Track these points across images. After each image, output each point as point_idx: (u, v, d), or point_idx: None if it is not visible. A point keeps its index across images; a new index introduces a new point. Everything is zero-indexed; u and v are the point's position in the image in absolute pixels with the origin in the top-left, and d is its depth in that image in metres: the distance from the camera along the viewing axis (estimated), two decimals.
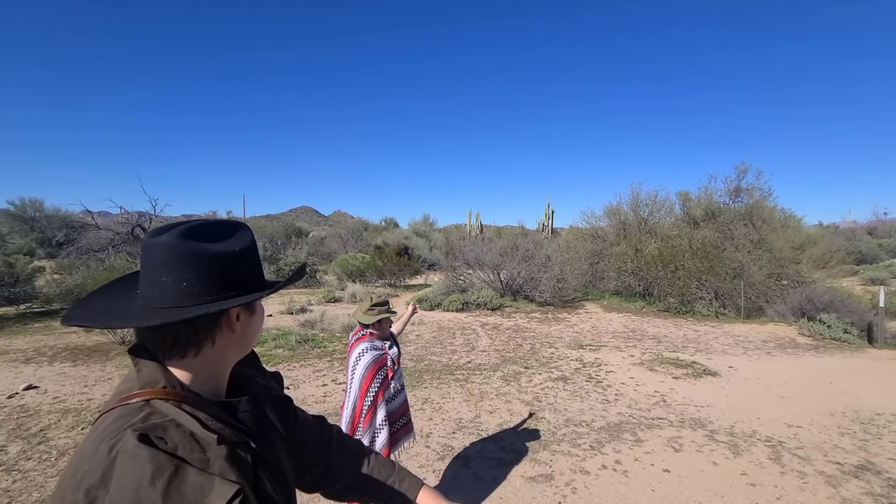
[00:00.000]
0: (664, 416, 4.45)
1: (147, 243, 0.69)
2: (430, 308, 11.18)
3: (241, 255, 0.73)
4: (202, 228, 0.72)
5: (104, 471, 0.55)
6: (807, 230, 14.55)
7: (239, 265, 0.72)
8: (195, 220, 0.74)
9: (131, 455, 0.56)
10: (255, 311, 0.77)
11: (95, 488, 0.55)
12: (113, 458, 0.56)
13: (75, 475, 0.57)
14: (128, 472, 0.55)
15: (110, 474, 0.55)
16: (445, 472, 3.34)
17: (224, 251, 0.70)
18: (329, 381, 5.42)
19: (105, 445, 0.58)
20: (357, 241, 24.91)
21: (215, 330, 0.70)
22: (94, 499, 0.54)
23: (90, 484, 0.55)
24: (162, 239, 0.68)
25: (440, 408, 4.60)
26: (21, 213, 22.18)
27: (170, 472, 0.56)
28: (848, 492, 3.14)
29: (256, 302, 0.77)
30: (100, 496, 0.54)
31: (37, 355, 6.47)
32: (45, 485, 3.09)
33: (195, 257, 0.68)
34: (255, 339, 0.79)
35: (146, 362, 0.67)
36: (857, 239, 26.76)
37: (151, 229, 0.72)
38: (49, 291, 10.17)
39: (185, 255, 0.67)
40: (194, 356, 0.69)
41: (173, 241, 0.67)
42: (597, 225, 16.71)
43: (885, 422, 4.40)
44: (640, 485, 3.19)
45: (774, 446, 3.82)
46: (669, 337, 8.40)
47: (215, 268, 0.69)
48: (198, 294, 0.68)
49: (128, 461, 0.56)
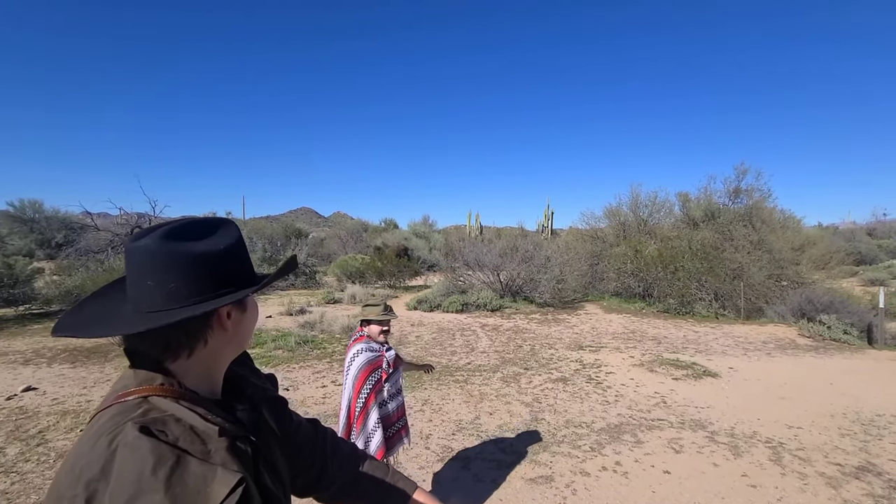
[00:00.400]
0: (664, 418, 4.44)
1: (129, 248, 0.68)
2: (430, 309, 11.17)
3: (227, 252, 0.71)
4: (184, 228, 0.70)
5: (104, 463, 0.55)
6: (806, 231, 14.55)
7: (225, 262, 0.71)
8: (177, 220, 0.72)
9: (132, 447, 0.56)
10: (246, 307, 0.76)
11: (96, 481, 0.54)
12: (113, 451, 0.56)
13: (72, 471, 0.56)
14: (129, 463, 0.54)
15: (110, 467, 0.55)
16: (445, 473, 3.33)
17: (208, 250, 0.69)
18: (329, 382, 5.41)
19: (104, 439, 0.57)
20: (357, 242, 24.90)
21: (206, 330, 0.69)
22: (95, 492, 0.54)
23: (90, 477, 0.54)
24: (143, 243, 0.67)
25: (440, 409, 4.59)
26: (20, 214, 22.17)
27: (171, 463, 0.55)
28: (849, 493, 3.13)
29: (248, 298, 0.76)
30: (100, 489, 0.54)
31: (35, 357, 6.45)
32: (43, 486, 3.08)
33: (178, 258, 0.67)
34: (249, 336, 0.79)
35: (143, 361, 0.67)
36: (856, 240, 26.75)
37: (134, 233, 0.71)
38: (48, 293, 10.16)
39: (167, 256, 0.66)
40: (188, 358, 0.69)
41: (154, 244, 0.66)
42: (596, 226, 16.71)
43: (885, 423, 4.39)
44: (640, 486, 3.18)
45: (775, 447, 3.81)
46: (669, 338, 8.39)
47: (200, 267, 0.68)
48: (185, 296, 0.67)
49: (128, 453, 0.55)
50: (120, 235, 12.09)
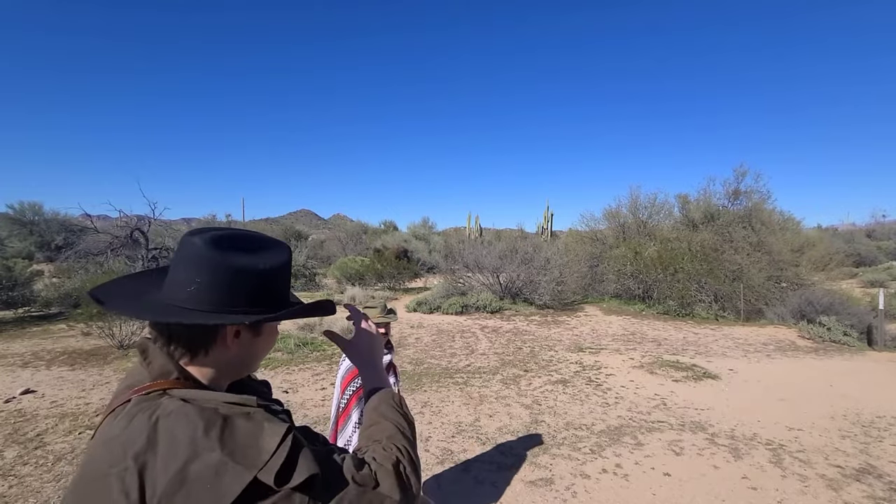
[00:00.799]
0: (664, 420, 4.43)
1: (183, 238, 0.72)
2: (430, 311, 11.16)
3: (264, 274, 0.71)
4: (236, 238, 0.72)
5: (149, 434, 0.57)
6: (806, 233, 14.56)
7: (257, 283, 0.71)
8: (239, 229, 0.74)
9: (177, 414, 0.59)
10: (261, 332, 0.75)
11: (143, 453, 0.56)
12: (154, 423, 0.58)
13: (112, 450, 0.58)
14: (178, 429, 0.57)
15: (155, 437, 0.57)
16: (445, 476, 3.32)
17: (245, 266, 0.70)
18: (328, 384, 5.39)
19: (142, 416, 0.59)
20: (356, 244, 24.91)
21: (209, 342, 0.69)
22: (145, 462, 0.56)
23: (137, 450, 0.56)
24: (194, 238, 0.69)
25: (439, 411, 4.58)
26: (20, 216, 22.15)
27: (220, 423, 0.58)
28: (850, 495, 3.12)
29: (267, 324, 0.75)
30: (149, 459, 0.56)
31: (34, 359, 6.44)
32: (41, 490, 3.06)
33: (213, 264, 0.68)
34: (255, 361, 0.78)
35: (157, 355, 0.68)
36: (855, 241, 26.75)
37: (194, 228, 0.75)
38: (47, 295, 10.15)
39: (203, 259, 0.68)
40: (188, 361, 0.69)
41: (200, 243, 0.69)
42: (596, 228, 16.72)
43: (885, 424, 4.38)
44: (640, 488, 3.17)
45: (775, 449, 3.81)
46: (669, 340, 8.38)
47: (228, 280, 0.68)
48: (203, 301, 0.67)
49: (174, 420, 0.58)
50: (119, 238, 12.06)
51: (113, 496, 0.54)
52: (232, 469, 0.55)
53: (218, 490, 0.54)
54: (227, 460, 0.55)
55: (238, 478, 0.55)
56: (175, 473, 0.54)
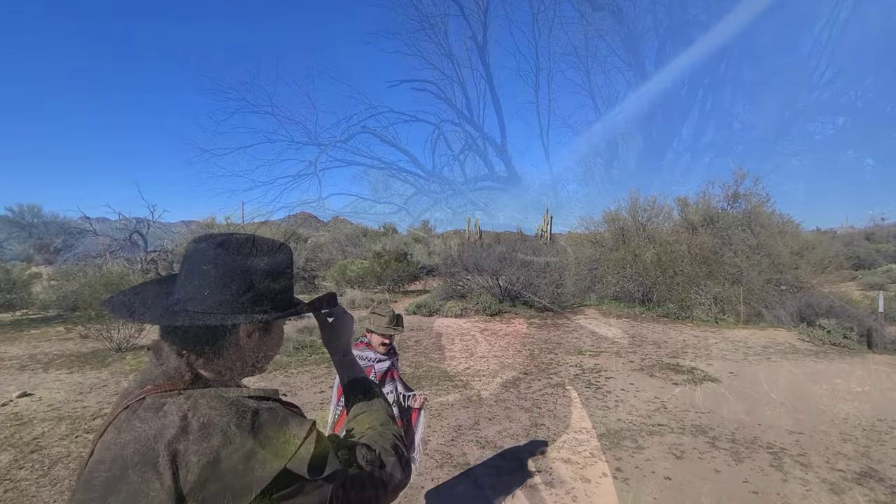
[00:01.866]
0: (665, 423, 4.42)
1: (189, 246, 0.74)
2: (429, 314, 11.14)
3: (271, 274, 0.74)
4: (242, 242, 0.74)
5: (179, 424, 0.58)
6: (805, 235, 14.55)
7: (265, 284, 0.73)
8: (240, 233, 0.77)
9: (208, 406, 0.61)
10: (270, 331, 0.77)
11: (175, 441, 0.57)
12: (184, 414, 0.60)
13: (141, 439, 0.58)
14: (210, 419, 0.59)
15: (187, 426, 0.58)
16: (444, 479, 3.30)
17: (253, 268, 0.72)
18: (327, 387, 5.38)
19: (170, 408, 0.61)
20: (356, 247, 24.88)
21: (222, 343, 0.71)
22: (177, 451, 0.57)
23: (169, 438, 0.57)
24: (201, 244, 0.72)
25: (439, 414, 4.56)
26: (19, 219, 22.15)
27: (250, 413, 0.61)
28: (852, 499, 3.10)
29: (274, 323, 0.78)
30: (181, 447, 0.57)
31: (32, 362, 6.40)
32: (37, 495, 3.03)
33: (220, 267, 0.70)
34: (266, 361, 0.80)
35: (171, 356, 0.69)
36: (855, 244, 26.76)
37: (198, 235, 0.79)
38: (45, 298, 10.12)
39: (211, 263, 0.70)
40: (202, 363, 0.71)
41: (207, 248, 0.71)
42: (595, 231, 16.73)
43: (886, 427, 4.37)
44: (641, 492, 3.15)
45: (776, 453, 3.79)
46: (669, 342, 8.37)
47: (237, 282, 0.70)
48: (215, 303, 0.69)
49: (205, 411, 0.60)
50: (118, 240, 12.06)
51: (148, 484, 0.56)
52: (263, 458, 0.57)
53: (250, 478, 0.56)
54: (259, 449, 0.58)
55: (269, 467, 0.57)
56: (208, 461, 0.56)
